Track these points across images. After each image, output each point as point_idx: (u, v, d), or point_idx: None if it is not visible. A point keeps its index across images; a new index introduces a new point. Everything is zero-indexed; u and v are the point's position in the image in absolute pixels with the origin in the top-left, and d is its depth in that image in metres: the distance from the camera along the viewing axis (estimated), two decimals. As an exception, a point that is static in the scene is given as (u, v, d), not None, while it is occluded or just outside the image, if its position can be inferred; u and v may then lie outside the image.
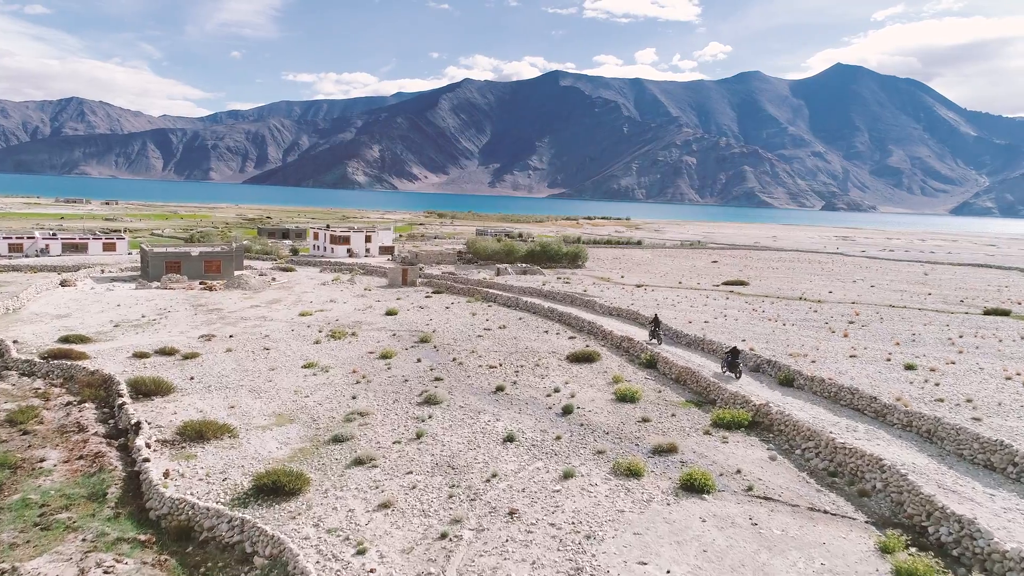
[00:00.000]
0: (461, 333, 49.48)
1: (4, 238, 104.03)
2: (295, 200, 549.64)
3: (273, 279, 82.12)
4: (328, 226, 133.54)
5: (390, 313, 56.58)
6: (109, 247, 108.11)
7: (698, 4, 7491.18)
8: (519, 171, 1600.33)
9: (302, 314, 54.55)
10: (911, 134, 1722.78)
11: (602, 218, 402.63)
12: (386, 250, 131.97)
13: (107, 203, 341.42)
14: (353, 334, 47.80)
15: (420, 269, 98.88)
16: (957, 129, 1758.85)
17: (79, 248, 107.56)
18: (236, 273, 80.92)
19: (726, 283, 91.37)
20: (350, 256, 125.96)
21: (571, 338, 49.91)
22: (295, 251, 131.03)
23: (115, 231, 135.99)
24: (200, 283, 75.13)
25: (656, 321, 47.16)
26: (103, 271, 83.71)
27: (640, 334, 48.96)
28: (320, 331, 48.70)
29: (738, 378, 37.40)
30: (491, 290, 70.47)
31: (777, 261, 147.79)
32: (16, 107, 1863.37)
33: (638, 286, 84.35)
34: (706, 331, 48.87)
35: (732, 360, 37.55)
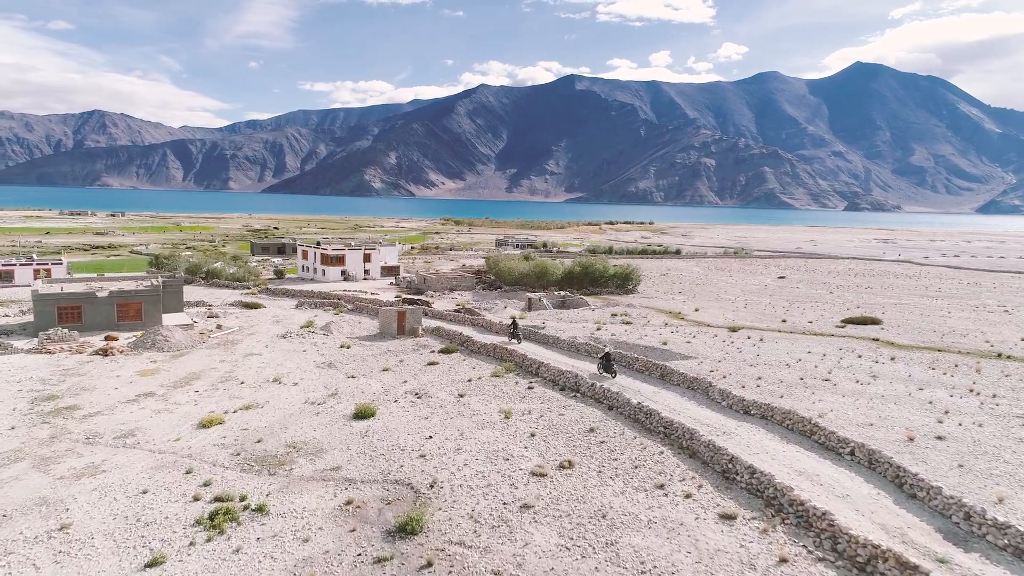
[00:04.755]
0: (486, 486, 24.61)
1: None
2: (311, 209, 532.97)
3: (218, 326, 58.80)
4: (319, 243, 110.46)
5: (361, 415, 32.69)
6: (43, 274, 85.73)
7: (712, 6, 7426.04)
8: (536, 176, 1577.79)
9: (204, 424, 30.94)
10: (934, 132, 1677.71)
11: (625, 222, 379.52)
12: (389, 270, 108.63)
13: (112, 215, 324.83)
14: (259, 508, 22.25)
15: (429, 301, 75.24)
16: (981, 126, 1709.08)
17: (2, 277, 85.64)
18: (166, 320, 57.68)
19: (849, 321, 66.60)
20: (345, 279, 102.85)
21: (726, 518, 22.46)
22: (280, 273, 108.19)
23: (55, 254, 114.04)
24: (106, 337, 52.04)
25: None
26: (-8, 316, 61.07)
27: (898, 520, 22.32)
28: (196, 498, 23.10)
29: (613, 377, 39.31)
30: (531, 355, 46.38)
31: (851, 275, 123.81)
32: (40, 121, 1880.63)
33: (732, 330, 59.86)
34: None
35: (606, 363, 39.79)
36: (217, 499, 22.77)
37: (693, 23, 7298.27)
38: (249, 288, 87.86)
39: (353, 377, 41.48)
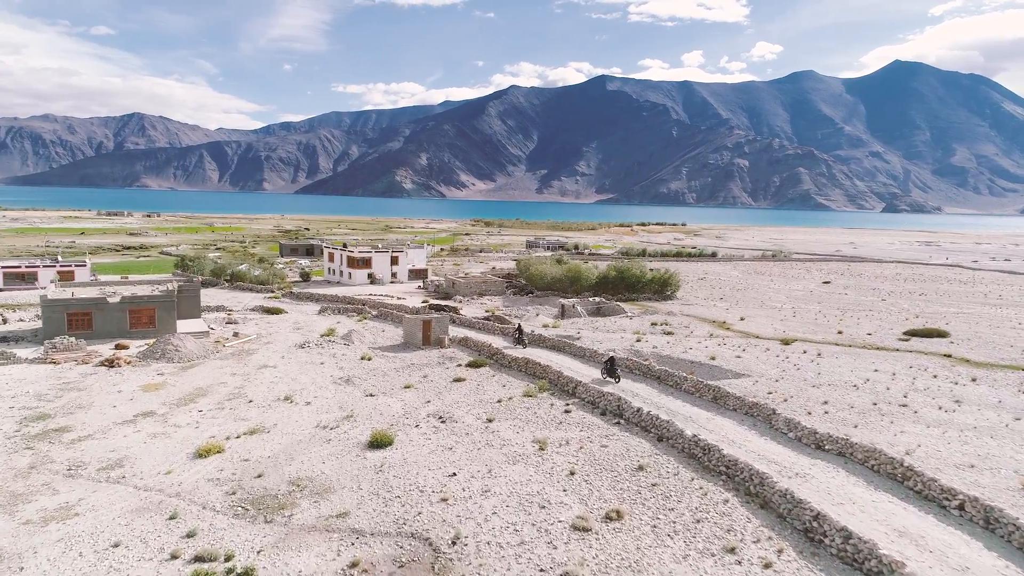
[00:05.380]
0: (519, 544, 19.85)
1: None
2: (342, 209, 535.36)
3: (235, 333, 55.74)
4: (345, 245, 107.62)
5: (377, 444, 28.89)
6: (66, 276, 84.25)
7: (745, 5, 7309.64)
8: (566, 177, 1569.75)
9: (201, 453, 27.42)
10: (976, 131, 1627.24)
11: (656, 224, 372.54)
12: (417, 274, 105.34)
13: (147, 215, 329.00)
14: (245, 574, 18.41)
15: (457, 307, 71.47)
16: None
17: (26, 279, 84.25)
18: (182, 327, 54.80)
19: (912, 334, 61.05)
20: (371, 282, 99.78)
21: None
22: (306, 276, 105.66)
23: (80, 255, 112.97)
24: (116, 345, 49.24)
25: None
26: (5, 319, 58.93)
27: None
28: (174, 556, 19.04)
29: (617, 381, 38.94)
30: (567, 371, 42.24)
31: (901, 281, 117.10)
32: (82, 123, 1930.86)
33: (785, 342, 54.95)
34: None
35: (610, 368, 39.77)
36: (198, 558, 19.05)
37: (726, 22, 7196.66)
38: (273, 291, 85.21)
39: (372, 395, 37.75)
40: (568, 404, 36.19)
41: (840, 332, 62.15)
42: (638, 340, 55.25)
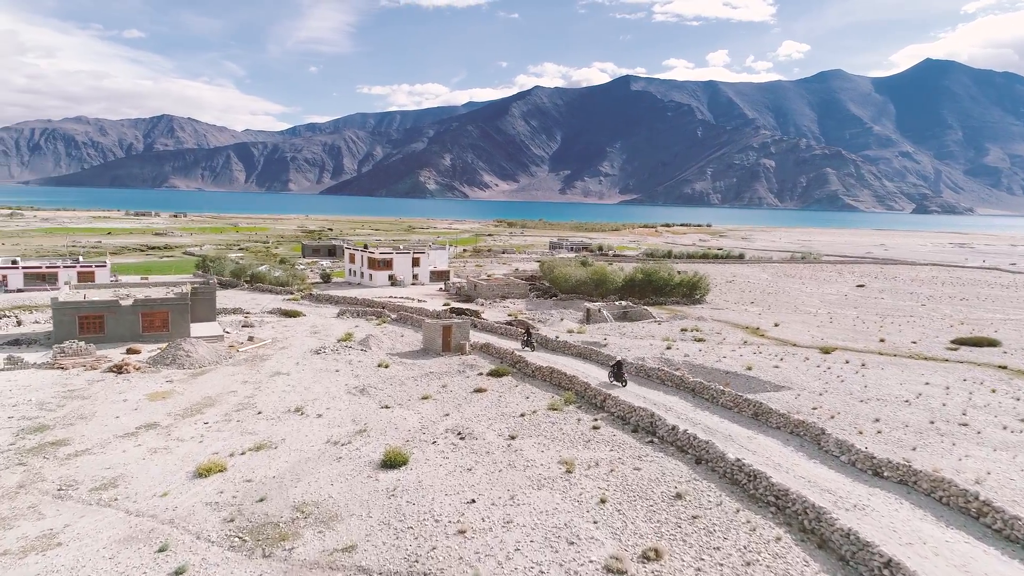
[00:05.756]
0: None
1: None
2: (366, 210, 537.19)
3: (250, 338, 54.06)
4: (366, 246, 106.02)
5: (390, 463, 26.67)
6: (86, 276, 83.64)
7: (772, 3, 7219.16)
8: (590, 177, 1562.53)
9: (201, 472, 25.45)
10: (1010, 130, 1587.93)
11: (681, 225, 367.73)
12: (439, 275, 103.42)
13: (174, 215, 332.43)
14: None
15: (479, 310, 69.23)
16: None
17: (46, 279, 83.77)
18: (196, 330, 53.27)
19: (960, 342, 57.59)
20: (392, 284, 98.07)
21: None
22: (326, 277, 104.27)
23: (100, 255, 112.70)
24: (127, 349, 47.79)
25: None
26: (19, 322, 57.92)
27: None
28: None
29: (623, 385, 38.81)
30: (594, 382, 39.77)
31: (939, 284, 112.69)
32: (113, 125, 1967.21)
33: (825, 351, 51.90)
34: None
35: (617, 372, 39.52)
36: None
37: (752, 21, 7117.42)
38: (292, 293, 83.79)
39: (387, 407, 35.61)
40: (596, 419, 33.71)
41: (882, 340, 58.80)
42: (668, 347, 52.52)
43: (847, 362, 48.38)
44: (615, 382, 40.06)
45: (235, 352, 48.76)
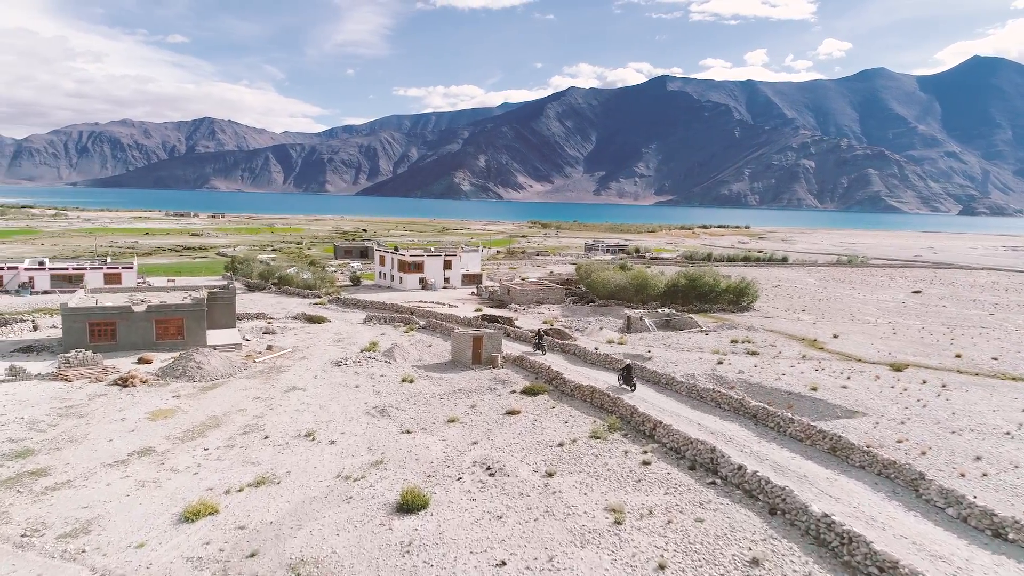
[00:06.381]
0: None
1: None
2: (401, 211, 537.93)
3: (269, 346, 50.87)
4: (396, 248, 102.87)
5: (407, 507, 22.63)
6: (112, 278, 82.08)
7: (812, 1, 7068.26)
8: (625, 178, 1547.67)
9: (188, 515, 21.87)
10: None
11: (719, 226, 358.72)
12: (471, 279, 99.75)
13: (212, 216, 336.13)
14: None
15: (512, 317, 65.11)
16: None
17: (72, 280, 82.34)
18: (214, 337, 50.27)
19: (1052, 360, 51.42)
20: (423, 287, 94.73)
21: None
22: (356, 280, 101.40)
23: (129, 256, 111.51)
24: (139, 359, 44.89)
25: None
26: (36, 326, 55.72)
27: None
28: None
29: (633, 390, 38.12)
30: (641, 406, 35.33)
31: (1002, 291, 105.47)
32: (156, 128, 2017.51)
33: (896, 368, 46.60)
34: None
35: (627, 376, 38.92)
36: None
37: (792, 20, 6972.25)
38: (320, 297, 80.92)
39: (408, 432, 31.75)
40: (646, 450, 29.34)
41: (958, 356, 53.09)
42: (719, 362, 47.74)
43: (924, 382, 43.09)
44: (624, 386, 39.41)
45: (252, 362, 45.53)
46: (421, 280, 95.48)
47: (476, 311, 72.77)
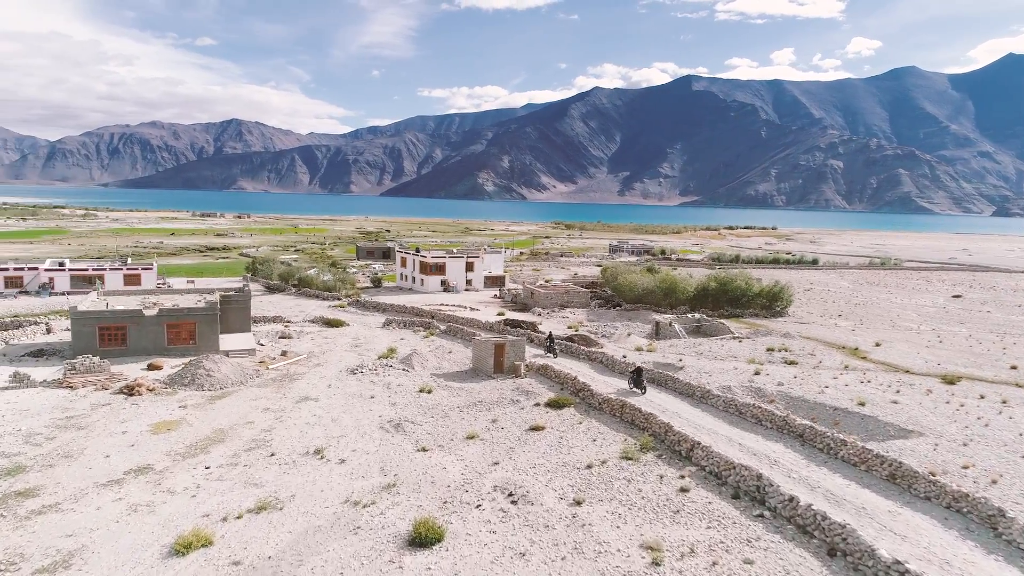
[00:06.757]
0: None
1: (0, 270, 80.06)
2: (425, 211, 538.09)
3: (283, 352, 49.05)
4: (418, 250, 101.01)
5: (420, 541, 20.34)
6: (132, 279, 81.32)
7: (841, 0, 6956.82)
8: (649, 179, 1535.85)
9: (179, 547, 19.80)
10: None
11: (745, 227, 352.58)
12: (493, 281, 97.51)
13: (238, 216, 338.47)
14: None
15: (535, 322, 62.64)
16: None
17: (92, 282, 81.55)
18: (227, 342, 48.58)
19: (1120, 374, 47.65)
20: (445, 289, 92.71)
21: None
22: (377, 282, 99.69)
23: (148, 257, 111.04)
24: (149, 365, 43.30)
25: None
26: (49, 329, 54.58)
27: None
28: None
29: (643, 393, 37.97)
30: (677, 424, 32.66)
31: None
32: (185, 130, 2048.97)
33: (948, 381, 43.43)
34: None
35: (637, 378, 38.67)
36: None
37: (820, 18, 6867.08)
38: (339, 299, 79.26)
39: (424, 450, 29.50)
40: (683, 475, 26.73)
41: (1014, 367, 49.57)
42: (756, 373, 44.82)
43: (982, 397, 39.84)
44: (635, 388, 39.15)
45: (265, 369, 43.70)
46: (443, 282, 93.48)
47: (498, 315, 70.51)
